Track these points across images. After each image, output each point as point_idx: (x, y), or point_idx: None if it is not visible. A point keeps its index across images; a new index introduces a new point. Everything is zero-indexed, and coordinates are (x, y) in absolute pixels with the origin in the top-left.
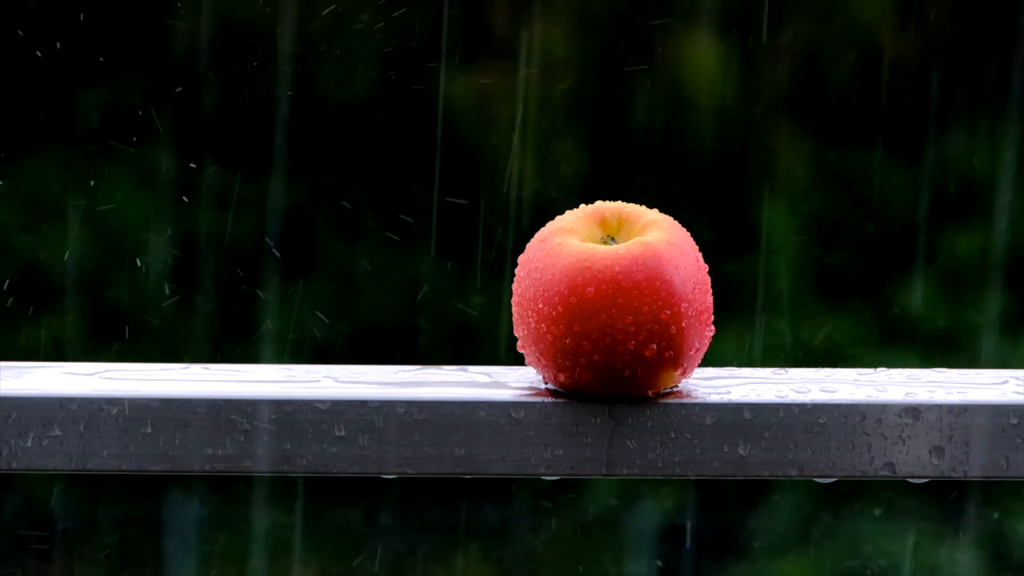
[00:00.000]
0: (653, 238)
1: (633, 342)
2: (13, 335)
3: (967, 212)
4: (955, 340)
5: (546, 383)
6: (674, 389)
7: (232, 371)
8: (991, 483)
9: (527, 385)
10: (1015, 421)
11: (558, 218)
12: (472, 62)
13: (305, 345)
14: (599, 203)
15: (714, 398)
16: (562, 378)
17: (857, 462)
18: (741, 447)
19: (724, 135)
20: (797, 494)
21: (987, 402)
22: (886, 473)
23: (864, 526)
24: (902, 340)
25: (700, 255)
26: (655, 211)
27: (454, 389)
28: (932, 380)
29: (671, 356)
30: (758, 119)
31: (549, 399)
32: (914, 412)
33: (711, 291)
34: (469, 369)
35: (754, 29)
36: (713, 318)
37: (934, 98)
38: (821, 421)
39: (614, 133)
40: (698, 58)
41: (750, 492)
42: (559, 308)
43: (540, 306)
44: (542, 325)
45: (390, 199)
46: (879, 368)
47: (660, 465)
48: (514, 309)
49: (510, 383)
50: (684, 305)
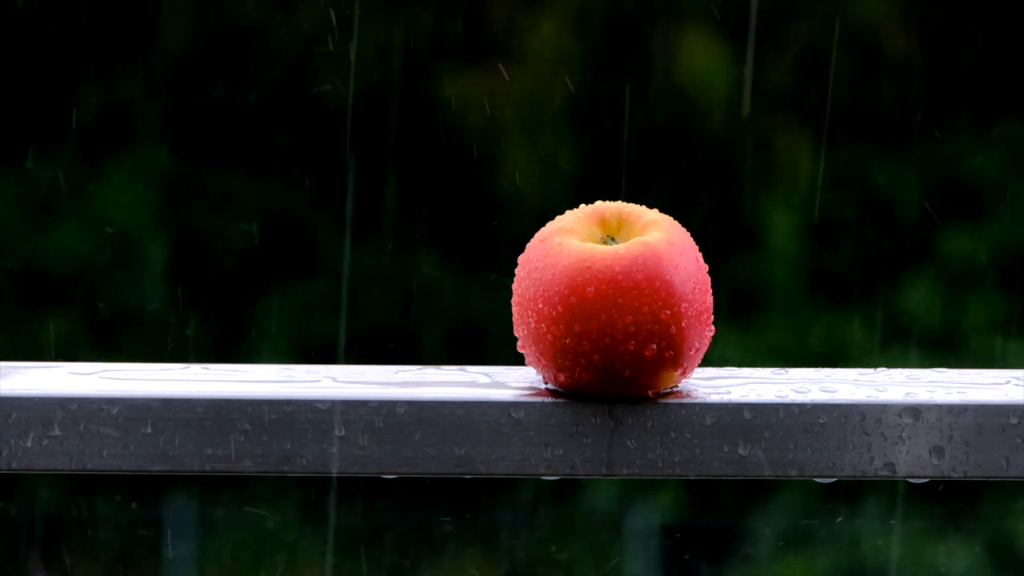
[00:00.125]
0: (653, 238)
1: (633, 342)
2: (13, 335)
3: (967, 212)
4: (955, 340)
5: (546, 383)
6: (674, 389)
7: (232, 371)
8: (991, 483)
9: (527, 385)
10: (1015, 421)
11: (558, 218)
12: (472, 62)
13: (304, 345)
14: (599, 203)
15: (714, 398)
16: (562, 378)
17: (857, 462)
18: (741, 447)
19: (724, 135)
20: (797, 494)
21: (987, 402)
22: (886, 473)
23: (864, 526)
24: (902, 340)
25: (700, 255)
26: (655, 211)
27: (454, 389)
28: (932, 380)
29: (671, 356)
30: (758, 119)
31: (549, 399)
32: (914, 412)
33: (711, 291)
34: (469, 369)
35: (755, 29)
36: (713, 318)
37: (934, 98)
38: (821, 421)
39: (614, 133)
40: (698, 58)
41: (750, 492)
42: (559, 308)
43: (540, 306)
44: (542, 325)
45: (390, 199)
46: (879, 368)
47: (660, 465)
48: (514, 309)
49: (510, 383)
50: (684, 305)
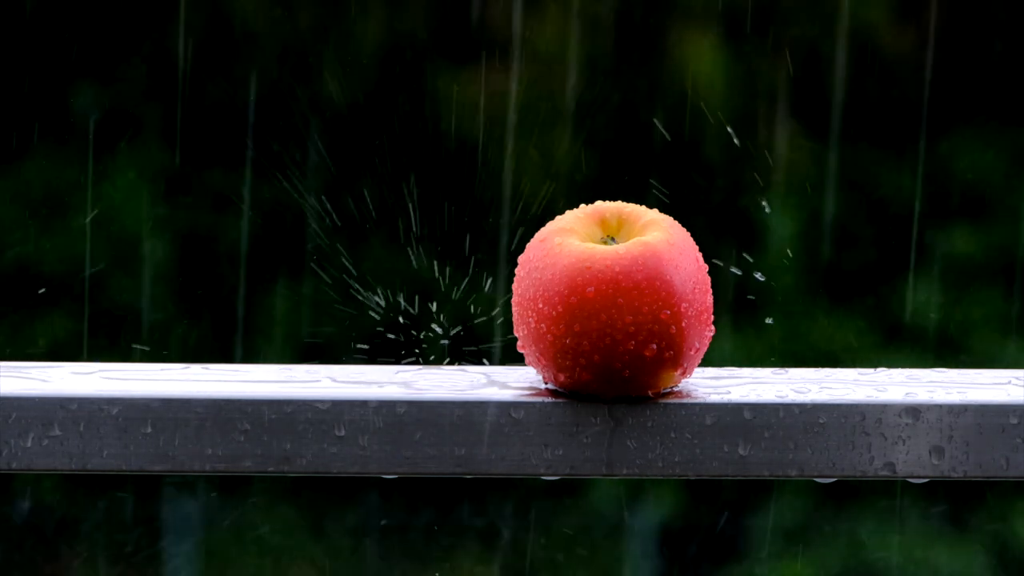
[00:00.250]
0: (653, 238)
1: (633, 342)
2: (13, 335)
3: (967, 212)
4: (955, 340)
5: (546, 383)
6: (674, 389)
7: (232, 371)
8: (992, 483)
9: (527, 385)
10: (1015, 421)
11: (558, 218)
12: (472, 62)
13: (304, 345)
14: (599, 203)
15: (714, 398)
16: (562, 378)
17: (857, 462)
18: (741, 447)
19: (725, 135)
20: (797, 494)
21: (987, 402)
22: (886, 473)
23: (864, 526)
24: (902, 340)
25: (700, 255)
26: (655, 211)
27: (454, 389)
28: (932, 380)
29: (671, 356)
30: (759, 119)
31: (549, 399)
32: (914, 412)
33: (711, 291)
34: (469, 369)
35: (755, 29)
36: (713, 318)
37: (934, 98)
38: (821, 421)
39: (614, 133)
40: (699, 58)
41: (750, 492)
42: (559, 308)
43: (540, 306)
44: (542, 325)
45: (389, 199)
46: (879, 368)
47: (660, 465)
48: (514, 309)
49: (510, 383)
50: (684, 305)
